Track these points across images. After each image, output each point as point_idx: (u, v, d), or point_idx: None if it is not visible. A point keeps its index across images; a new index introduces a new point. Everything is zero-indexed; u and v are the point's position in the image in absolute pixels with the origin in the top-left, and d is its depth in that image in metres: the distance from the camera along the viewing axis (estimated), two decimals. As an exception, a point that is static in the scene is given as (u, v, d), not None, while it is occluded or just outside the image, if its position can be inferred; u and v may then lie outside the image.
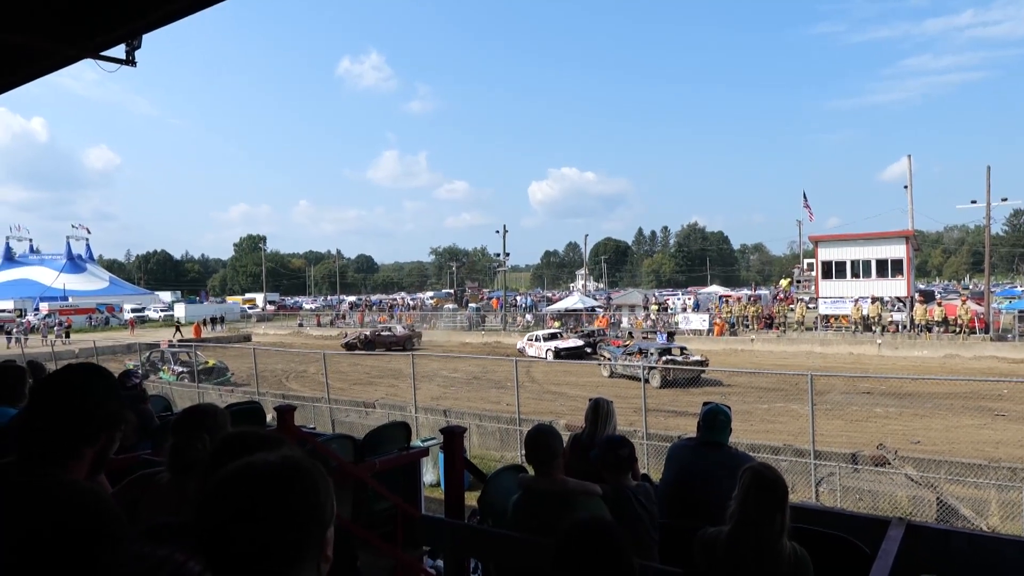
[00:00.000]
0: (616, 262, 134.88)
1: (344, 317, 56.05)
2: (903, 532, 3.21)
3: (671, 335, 30.18)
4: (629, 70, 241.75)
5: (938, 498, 9.06)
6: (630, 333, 35.04)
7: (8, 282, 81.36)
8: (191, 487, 2.06)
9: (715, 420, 3.80)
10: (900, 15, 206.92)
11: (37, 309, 65.75)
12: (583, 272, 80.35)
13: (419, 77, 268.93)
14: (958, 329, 28.16)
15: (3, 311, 64.63)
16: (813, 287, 34.11)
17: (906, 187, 36.94)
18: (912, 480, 9.70)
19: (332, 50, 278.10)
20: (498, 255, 51.48)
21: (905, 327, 29.90)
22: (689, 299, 51.47)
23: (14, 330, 47.78)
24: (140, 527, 1.59)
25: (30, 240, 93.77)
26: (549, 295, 73.34)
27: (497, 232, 50.19)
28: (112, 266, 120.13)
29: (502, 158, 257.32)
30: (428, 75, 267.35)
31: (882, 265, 31.82)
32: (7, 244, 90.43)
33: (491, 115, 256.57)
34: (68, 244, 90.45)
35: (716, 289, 69.13)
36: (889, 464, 10.07)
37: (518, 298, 65.39)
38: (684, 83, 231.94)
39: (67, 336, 45.91)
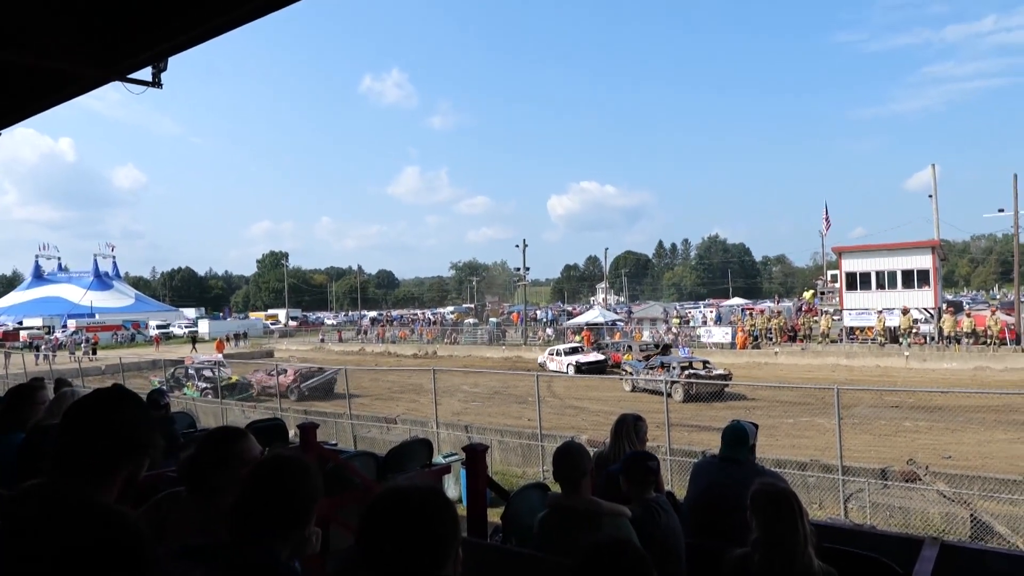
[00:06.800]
0: (637, 275, 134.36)
1: (365, 332, 56.40)
2: (937, 552, 3.14)
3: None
4: (648, 81, 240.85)
5: (972, 515, 8.84)
6: (667, 345, 31.83)
7: (37, 300, 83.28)
8: (218, 507, 2.07)
9: (733, 436, 3.77)
10: (921, 22, 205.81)
11: (65, 326, 67.03)
12: (603, 286, 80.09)
13: (440, 93, 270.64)
14: (988, 340, 27.62)
15: (32, 328, 65.93)
16: (837, 299, 33.64)
17: (931, 196, 36.53)
18: (944, 496, 9.49)
19: (354, 68, 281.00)
20: (518, 269, 51.53)
21: (933, 339, 29.37)
22: (711, 312, 51.08)
23: (42, 347, 48.62)
24: (171, 548, 1.61)
25: (59, 259, 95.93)
26: (569, 309, 73.09)
27: (517, 246, 50.40)
28: (138, 283, 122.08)
29: (522, 172, 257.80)
30: (449, 90, 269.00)
31: (908, 276, 31.30)
32: (36, 263, 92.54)
33: (511, 129, 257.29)
34: (95, 262, 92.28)
35: (738, 301, 68.63)
36: (920, 480, 9.87)
37: (538, 312, 65.26)
38: (704, 94, 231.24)
39: (94, 352, 46.60)
